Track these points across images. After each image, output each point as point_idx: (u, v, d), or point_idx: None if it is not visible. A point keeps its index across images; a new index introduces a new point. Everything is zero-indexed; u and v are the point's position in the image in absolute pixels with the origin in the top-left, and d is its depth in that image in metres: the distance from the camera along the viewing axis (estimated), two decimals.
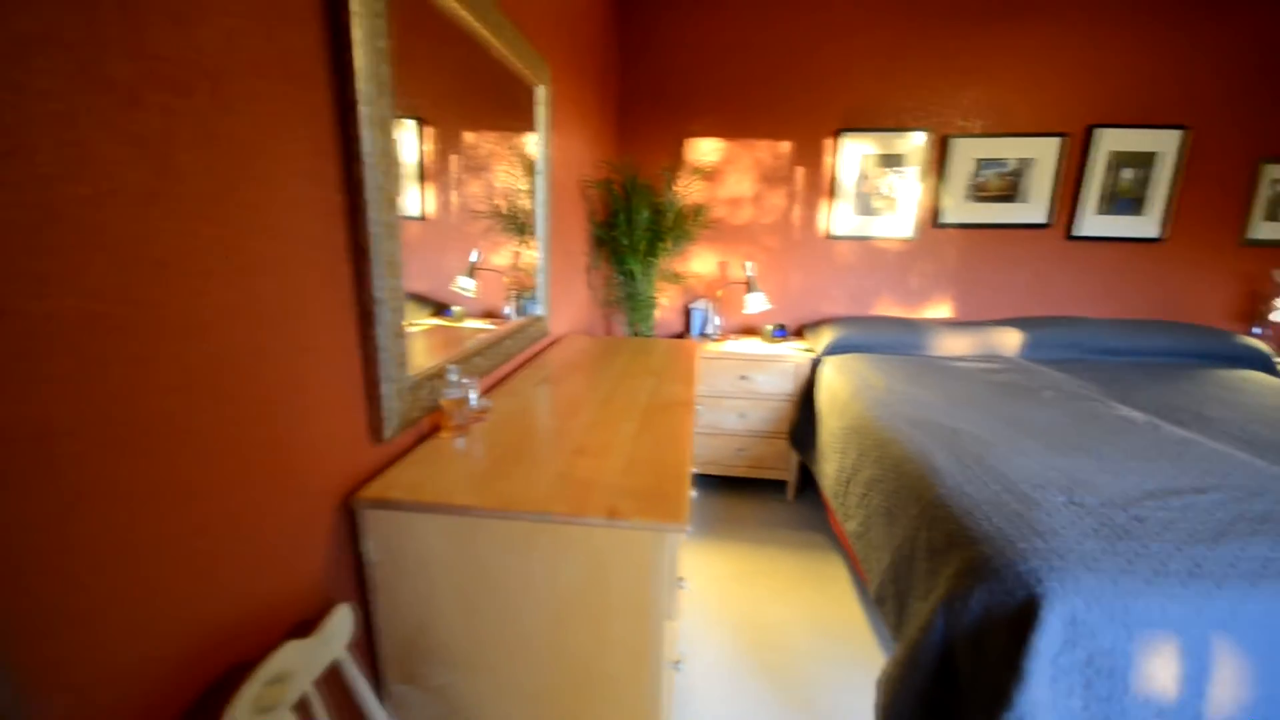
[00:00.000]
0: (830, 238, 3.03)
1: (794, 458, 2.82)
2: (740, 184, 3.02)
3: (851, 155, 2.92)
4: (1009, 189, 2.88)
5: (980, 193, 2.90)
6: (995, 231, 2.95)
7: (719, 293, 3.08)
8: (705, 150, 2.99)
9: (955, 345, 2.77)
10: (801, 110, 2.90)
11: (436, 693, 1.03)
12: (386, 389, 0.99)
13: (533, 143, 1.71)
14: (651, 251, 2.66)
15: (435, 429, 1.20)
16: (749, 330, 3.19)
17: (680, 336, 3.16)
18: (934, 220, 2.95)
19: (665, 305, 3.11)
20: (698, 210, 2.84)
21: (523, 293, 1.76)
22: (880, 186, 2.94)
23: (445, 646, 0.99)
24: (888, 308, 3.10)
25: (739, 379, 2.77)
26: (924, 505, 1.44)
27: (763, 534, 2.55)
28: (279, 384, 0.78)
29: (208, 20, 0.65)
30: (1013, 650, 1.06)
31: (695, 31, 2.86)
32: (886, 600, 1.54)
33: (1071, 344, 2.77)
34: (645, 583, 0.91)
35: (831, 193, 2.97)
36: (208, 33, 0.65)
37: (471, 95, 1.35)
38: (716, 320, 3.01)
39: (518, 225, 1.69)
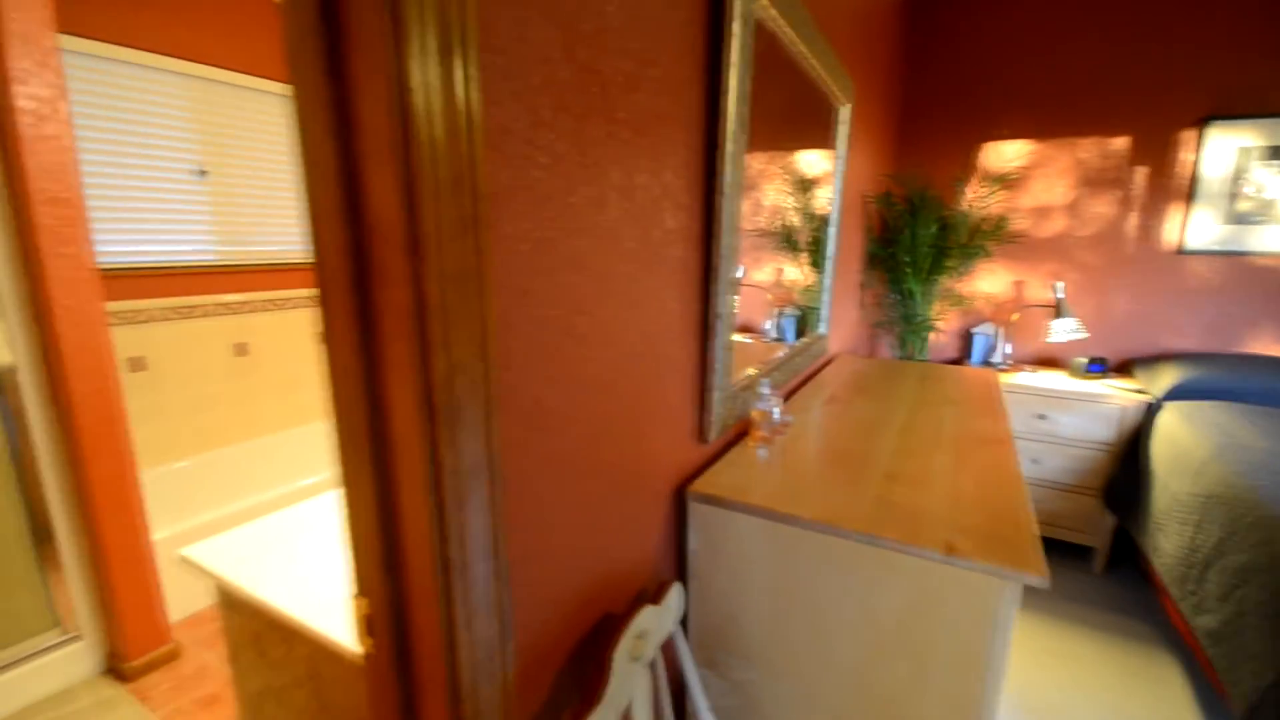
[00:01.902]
0: (1181, 252, 2.42)
1: (1107, 521, 2.32)
2: (1051, 190, 2.60)
3: (1221, 149, 2.29)
4: None
5: None
6: None
7: (1014, 316, 2.69)
8: (1008, 155, 2.64)
9: None
10: (1145, 98, 2.38)
11: (735, 685, 1.09)
12: (715, 396, 1.09)
13: (805, 160, 1.71)
14: (934, 269, 2.45)
15: (740, 437, 1.28)
16: (1046, 362, 2.72)
17: (956, 362, 2.84)
18: None
19: (942, 328, 2.83)
20: (998, 222, 2.53)
21: (784, 310, 1.78)
22: (1263, 187, 2.26)
23: (750, 643, 1.05)
24: (1268, 345, 2.36)
25: (1035, 418, 2.38)
26: None
27: (1061, 609, 2.14)
28: (648, 386, 0.92)
29: (640, 88, 0.80)
30: None
31: (1005, 24, 2.56)
32: None
33: None
34: (980, 631, 0.85)
35: (1188, 197, 2.37)
36: (640, 97, 0.80)
37: (778, 120, 1.41)
38: (1007, 348, 2.63)
39: (790, 242, 1.71)
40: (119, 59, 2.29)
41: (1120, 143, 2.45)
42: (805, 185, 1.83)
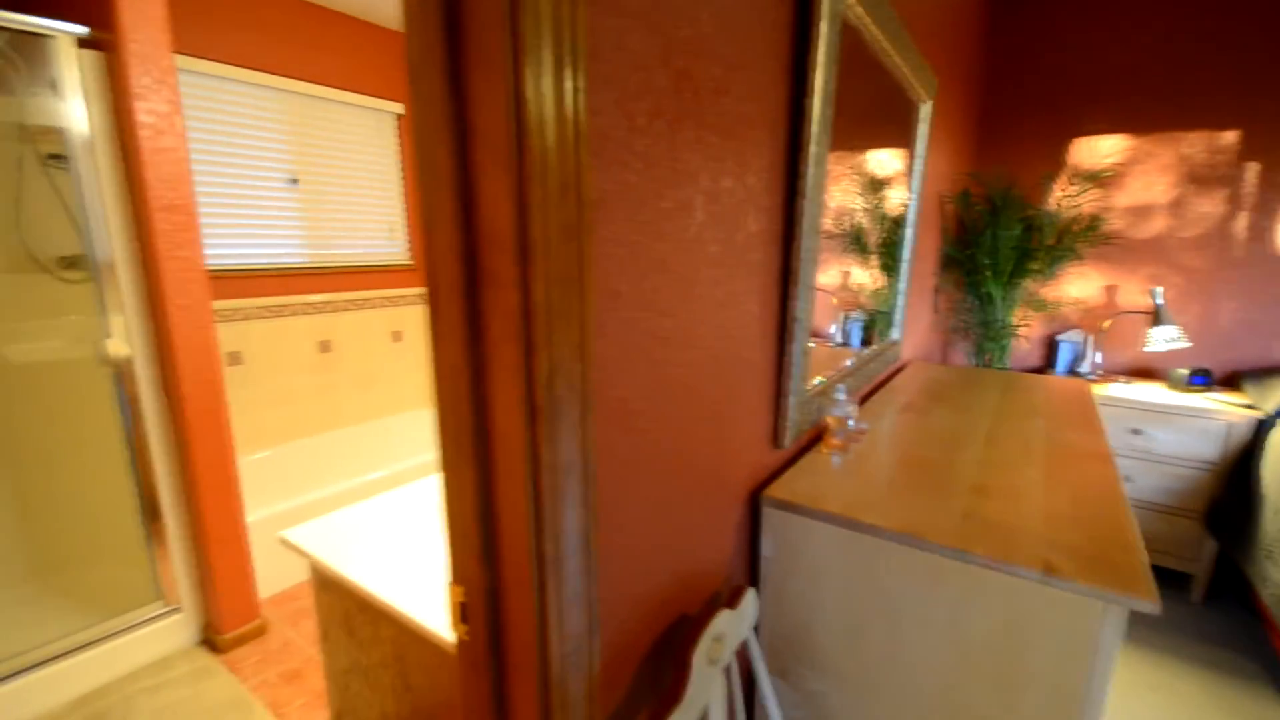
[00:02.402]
0: None
1: (1208, 546, 2.14)
2: (1150, 189, 2.42)
3: None
4: None
5: None
6: None
7: (1105, 324, 2.52)
8: (1102, 151, 2.48)
9: None
10: (1258, 88, 2.18)
11: (807, 696, 1.07)
12: (791, 400, 1.08)
13: (877, 160, 1.66)
14: (1017, 273, 2.32)
15: (814, 443, 1.25)
16: (1141, 373, 2.53)
17: (1039, 371, 2.69)
18: None
19: (1025, 335, 2.68)
20: (1090, 223, 2.37)
21: (850, 314, 1.72)
22: None
23: (824, 654, 1.03)
24: None
25: (1128, 432, 2.22)
26: None
27: (1156, 639, 1.99)
28: (726, 389, 0.92)
29: (728, 92, 0.80)
30: None
31: (1101, 9, 2.40)
32: None
33: None
34: (1080, 659, 0.80)
35: None
36: (728, 101, 0.80)
37: (855, 120, 1.38)
38: (1097, 357, 2.47)
39: (859, 244, 1.66)
40: (225, 76, 2.48)
41: (1229, 137, 2.26)
42: (876, 185, 1.78)
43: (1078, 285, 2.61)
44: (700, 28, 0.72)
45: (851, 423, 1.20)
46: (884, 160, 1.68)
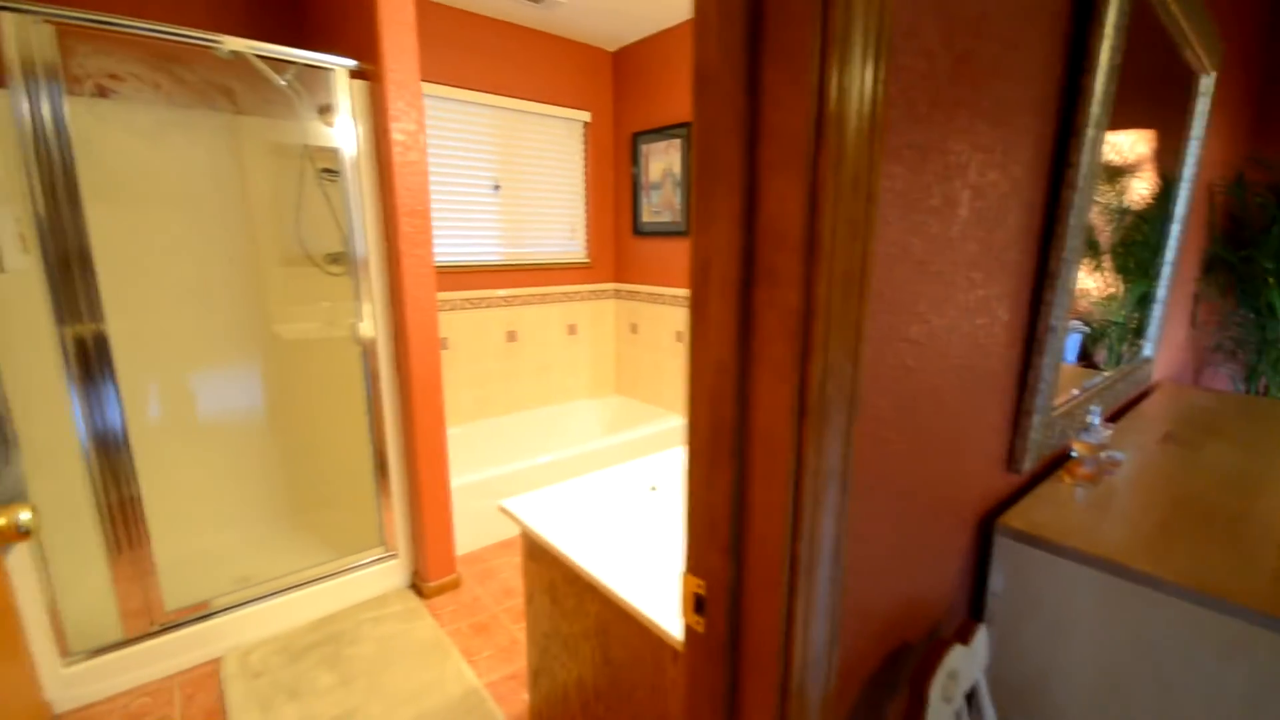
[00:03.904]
0: None
1: None
2: None
3: None
4: None
5: None
6: None
7: None
8: None
9: None
10: None
11: None
12: (1035, 420, 0.96)
13: (1121, 144, 1.39)
14: None
15: (1052, 470, 1.10)
16: None
17: None
18: None
19: None
20: None
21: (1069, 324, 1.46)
22: None
23: (1065, 714, 0.90)
24: None
25: None
26: None
27: None
28: (968, 402, 0.84)
29: (1002, 74, 0.72)
30: None
31: None
32: None
33: None
34: None
35: None
36: (1000, 85, 0.73)
37: (1118, 100, 1.17)
38: None
39: (1087, 243, 1.40)
40: (449, 97, 2.83)
41: None
42: (1114, 174, 1.51)
43: None
44: (984, 4, 0.66)
45: (1108, 452, 1.03)
46: (1128, 144, 1.42)
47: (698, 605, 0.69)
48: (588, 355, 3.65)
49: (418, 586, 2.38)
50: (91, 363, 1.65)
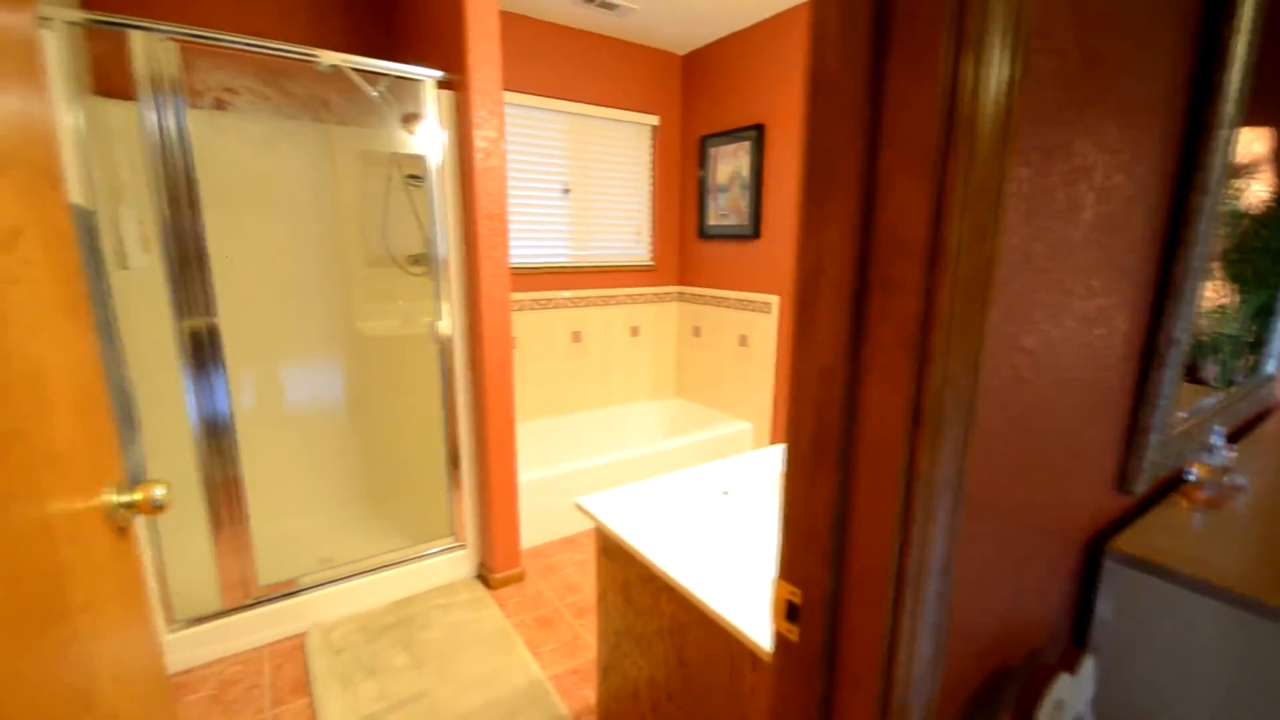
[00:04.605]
0: None
1: None
2: None
3: None
4: None
5: None
6: None
7: None
8: None
9: None
10: None
11: None
12: (1152, 439, 0.89)
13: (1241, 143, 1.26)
14: None
15: (1166, 493, 1.03)
16: None
17: None
18: None
19: None
20: None
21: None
22: None
23: None
24: None
25: None
26: None
27: None
28: (1079, 417, 0.79)
29: (1130, 70, 0.68)
30: None
31: None
32: None
33: None
34: None
35: None
36: (1128, 82, 0.69)
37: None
38: None
39: None
40: (523, 104, 2.91)
41: None
42: (1230, 174, 1.38)
43: None
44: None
45: (1232, 477, 0.95)
46: (1245, 141, 1.30)
47: (790, 613, 0.69)
48: (650, 357, 3.67)
49: (484, 577, 2.45)
50: (205, 353, 1.80)
